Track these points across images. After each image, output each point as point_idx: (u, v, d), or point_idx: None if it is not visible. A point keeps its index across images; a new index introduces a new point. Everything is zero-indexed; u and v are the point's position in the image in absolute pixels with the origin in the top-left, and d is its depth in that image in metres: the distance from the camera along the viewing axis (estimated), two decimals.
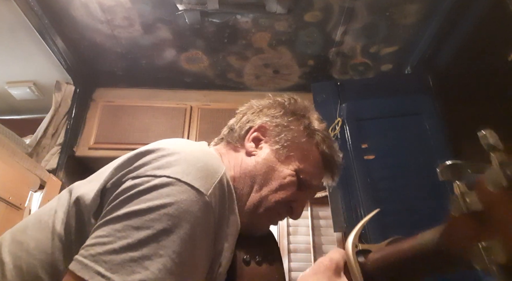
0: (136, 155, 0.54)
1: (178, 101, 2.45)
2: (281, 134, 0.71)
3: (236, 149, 0.73)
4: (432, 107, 1.91)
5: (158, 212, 0.46)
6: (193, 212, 0.47)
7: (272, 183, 0.67)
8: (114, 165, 0.55)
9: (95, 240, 0.45)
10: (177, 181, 0.49)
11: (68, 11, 1.91)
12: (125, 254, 0.43)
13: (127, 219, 0.45)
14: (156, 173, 0.50)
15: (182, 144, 0.58)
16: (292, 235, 2.19)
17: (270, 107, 0.76)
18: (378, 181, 1.73)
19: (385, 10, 1.91)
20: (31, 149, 2.07)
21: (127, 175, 0.51)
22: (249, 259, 0.63)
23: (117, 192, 0.50)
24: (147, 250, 0.43)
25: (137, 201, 0.47)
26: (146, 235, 0.44)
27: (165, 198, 0.47)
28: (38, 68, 2.19)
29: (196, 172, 0.51)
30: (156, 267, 0.43)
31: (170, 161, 0.52)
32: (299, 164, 0.69)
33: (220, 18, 1.96)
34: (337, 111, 1.97)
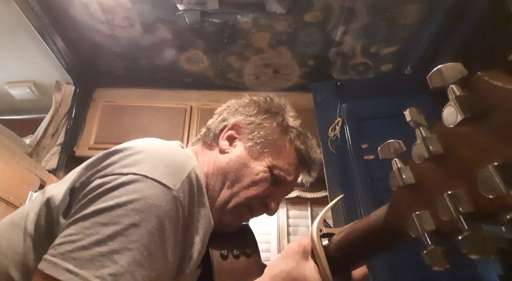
0: (104, 155, 0.56)
1: (178, 101, 2.45)
2: (254, 131, 0.73)
3: (211, 147, 0.75)
4: (432, 107, 1.91)
5: (125, 207, 0.47)
6: (160, 206, 0.49)
7: (244, 180, 0.68)
8: (83, 165, 0.56)
9: (64, 238, 0.45)
10: (144, 177, 0.50)
11: (68, 11, 1.91)
12: (94, 249, 0.43)
13: (95, 216, 0.46)
14: (123, 171, 0.51)
15: (150, 142, 0.60)
16: (292, 235, 2.18)
17: (245, 106, 0.78)
18: (378, 181, 1.73)
19: (385, 10, 1.91)
20: (31, 149, 2.07)
21: (96, 175, 0.52)
22: (226, 253, 0.64)
23: (85, 191, 0.51)
24: (116, 244, 0.44)
25: (104, 198, 0.48)
26: (114, 230, 0.45)
27: (132, 194, 0.48)
28: (38, 68, 2.19)
29: (163, 168, 0.52)
30: (125, 260, 0.44)
31: (137, 159, 0.53)
32: (272, 160, 0.70)
33: (220, 18, 1.96)
34: (337, 111, 1.97)
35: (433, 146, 0.33)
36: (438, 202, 0.31)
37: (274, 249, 2.13)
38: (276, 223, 2.21)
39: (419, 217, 0.34)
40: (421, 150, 0.34)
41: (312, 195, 2.23)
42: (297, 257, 0.51)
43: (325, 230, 0.53)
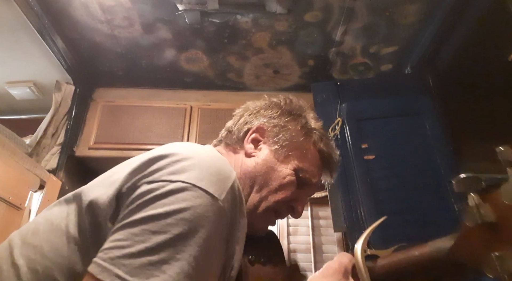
0: (150, 160, 0.55)
1: (178, 101, 2.45)
2: (279, 134, 0.72)
3: (235, 150, 0.74)
4: (432, 107, 1.91)
5: (174, 216, 0.47)
6: (208, 216, 0.48)
7: (272, 183, 0.68)
8: (128, 169, 0.55)
9: (113, 243, 0.45)
10: (192, 186, 0.50)
11: (68, 11, 1.91)
12: (144, 258, 0.43)
13: (145, 223, 0.46)
14: (171, 178, 0.51)
15: (194, 149, 0.59)
16: (292, 235, 2.18)
17: (267, 108, 0.78)
18: (378, 181, 1.73)
19: (385, 10, 1.91)
20: (31, 149, 2.07)
21: (142, 180, 0.52)
22: (254, 259, 0.64)
23: (133, 197, 0.50)
24: (165, 254, 0.44)
25: (154, 205, 0.48)
26: (164, 239, 0.45)
27: (181, 203, 0.48)
28: (38, 68, 2.19)
29: (209, 177, 0.52)
30: (173, 271, 0.44)
31: (184, 166, 0.52)
32: (298, 163, 0.70)
33: (220, 18, 1.96)
34: (337, 111, 1.97)
35: None
36: None
37: None
38: (276, 223, 2.20)
39: (500, 258, 0.33)
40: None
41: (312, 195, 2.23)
42: (339, 276, 0.51)
43: (369, 251, 0.53)
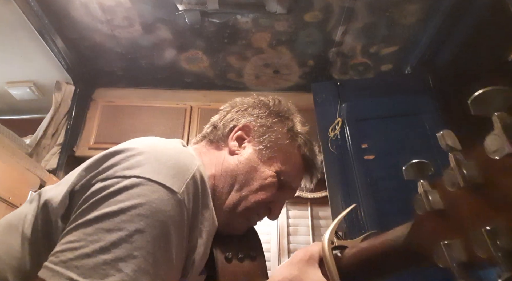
0: (104, 156, 0.53)
1: (178, 101, 2.45)
2: (265, 134, 0.71)
3: (218, 147, 0.73)
4: (432, 107, 1.91)
5: (129, 213, 0.45)
6: (165, 211, 0.47)
7: (253, 183, 0.67)
8: (83, 167, 0.54)
9: (65, 245, 0.43)
10: (147, 180, 0.48)
11: (68, 11, 1.91)
12: (98, 257, 0.42)
13: (98, 222, 0.44)
14: (125, 173, 0.49)
15: (152, 142, 0.57)
16: (292, 235, 2.18)
17: (255, 106, 0.76)
18: (378, 181, 1.73)
19: (385, 10, 1.91)
20: (31, 149, 2.07)
21: (96, 177, 0.50)
22: (231, 256, 0.63)
23: (86, 195, 0.48)
24: (120, 251, 0.42)
25: (107, 203, 0.46)
26: (119, 236, 0.43)
27: (136, 199, 0.46)
28: (38, 68, 2.19)
29: (167, 170, 0.50)
30: (130, 268, 0.42)
31: (140, 161, 0.51)
32: (281, 165, 0.69)
33: (220, 18, 1.96)
34: (337, 111, 1.97)
35: (471, 174, 0.30)
36: (474, 235, 0.29)
37: (274, 249, 2.13)
38: (276, 223, 2.21)
39: (449, 246, 0.32)
40: (455, 176, 0.32)
41: (312, 195, 2.23)
42: (301, 265, 0.51)
43: (336, 242, 0.53)
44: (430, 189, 0.35)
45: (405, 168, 0.38)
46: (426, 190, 0.35)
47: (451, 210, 0.33)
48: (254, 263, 0.65)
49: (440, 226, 0.34)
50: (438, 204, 0.34)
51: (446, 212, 0.34)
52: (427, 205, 0.35)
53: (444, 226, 0.34)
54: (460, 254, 0.31)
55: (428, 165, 0.37)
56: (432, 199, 0.34)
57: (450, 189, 0.32)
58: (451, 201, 0.33)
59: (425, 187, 0.36)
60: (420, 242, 0.38)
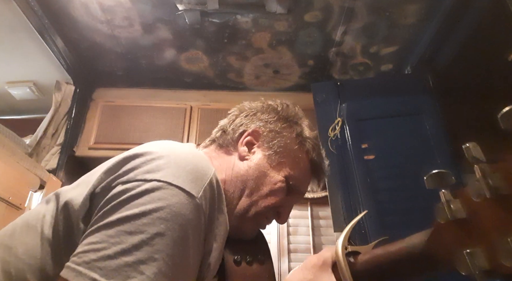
0: (124, 159, 0.54)
1: (178, 101, 2.45)
2: (274, 140, 0.72)
3: (228, 152, 0.73)
4: (432, 107, 1.91)
5: (150, 216, 0.46)
6: (185, 214, 0.48)
7: (263, 189, 0.68)
8: (103, 169, 0.54)
9: (88, 246, 0.44)
10: (167, 184, 0.49)
11: (68, 11, 1.91)
12: (120, 259, 0.42)
13: (120, 224, 0.45)
14: (146, 177, 0.50)
15: (170, 146, 0.58)
16: (292, 235, 2.18)
17: (264, 111, 0.77)
18: (378, 181, 1.73)
19: (385, 10, 1.91)
20: (31, 149, 2.07)
21: (117, 180, 0.51)
22: (240, 259, 0.64)
23: (107, 198, 0.49)
24: (142, 254, 0.43)
25: (129, 206, 0.47)
26: (140, 239, 0.44)
27: (157, 202, 0.47)
28: (38, 68, 2.19)
29: (186, 174, 0.51)
30: (151, 271, 0.43)
31: (160, 165, 0.52)
32: (290, 170, 0.70)
33: (220, 18, 1.96)
34: (337, 111, 1.97)
35: (497, 185, 0.31)
36: (501, 244, 0.30)
37: (274, 249, 2.13)
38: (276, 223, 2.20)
39: (472, 255, 0.33)
40: (481, 187, 0.32)
41: (312, 195, 2.23)
42: (315, 269, 0.52)
43: (350, 248, 0.54)
44: (452, 199, 0.36)
45: (427, 177, 0.38)
46: (448, 199, 0.36)
47: (475, 219, 0.34)
48: (262, 266, 0.66)
49: (463, 235, 0.35)
50: (460, 214, 0.35)
51: (468, 221, 0.34)
52: (449, 214, 0.35)
53: (466, 235, 0.35)
54: (483, 262, 0.32)
55: (449, 175, 0.38)
56: (454, 208, 0.35)
57: (476, 199, 0.33)
58: (475, 211, 0.34)
59: (446, 196, 0.36)
60: (440, 250, 0.38)
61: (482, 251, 0.33)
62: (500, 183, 0.31)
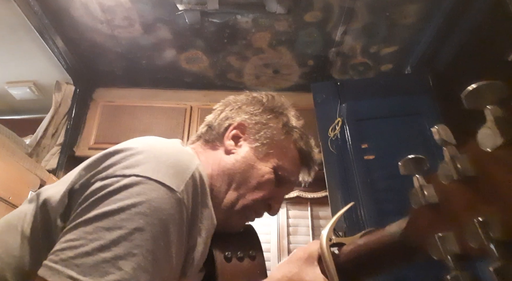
0: (104, 155, 0.54)
1: (178, 101, 2.45)
2: (260, 131, 0.72)
3: (214, 147, 0.73)
4: (432, 107, 1.91)
5: (129, 211, 0.45)
6: (165, 209, 0.47)
7: (251, 181, 0.67)
8: (82, 166, 0.54)
9: (65, 244, 0.44)
10: (147, 179, 0.48)
11: (68, 11, 1.91)
12: (98, 255, 0.42)
13: (98, 220, 0.45)
14: (125, 172, 0.49)
15: (152, 141, 0.58)
16: (292, 235, 2.18)
17: (249, 104, 0.76)
18: (378, 181, 1.73)
19: (385, 10, 1.91)
20: (31, 149, 2.07)
21: (96, 176, 0.50)
22: (230, 255, 0.64)
23: (86, 194, 0.49)
24: (120, 250, 0.43)
25: (107, 202, 0.46)
26: (118, 235, 0.44)
27: (136, 197, 0.46)
28: (38, 68, 2.19)
29: (166, 169, 0.51)
30: (130, 266, 0.42)
31: (139, 160, 0.51)
32: (278, 161, 0.70)
33: (220, 18, 1.96)
34: (337, 111, 1.97)
35: (464, 167, 0.31)
36: (467, 227, 0.30)
37: (274, 249, 2.13)
38: (276, 223, 2.21)
39: (443, 239, 0.33)
40: (448, 170, 0.32)
41: (312, 195, 2.23)
42: (301, 263, 0.52)
43: (334, 239, 0.53)
44: (425, 184, 0.36)
45: (401, 163, 0.38)
46: (422, 184, 0.36)
47: (445, 203, 0.34)
48: (253, 262, 0.65)
49: (435, 220, 0.35)
50: (433, 198, 0.35)
51: (440, 206, 0.34)
52: (422, 199, 0.35)
53: (438, 219, 0.34)
54: (453, 246, 0.32)
55: (424, 160, 0.38)
56: (427, 193, 0.35)
57: (444, 182, 0.33)
58: (445, 195, 0.34)
59: (420, 181, 0.36)
60: (415, 236, 0.38)
61: (453, 235, 0.32)
62: (467, 164, 0.31)
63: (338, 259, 0.51)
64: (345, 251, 0.51)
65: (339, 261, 0.50)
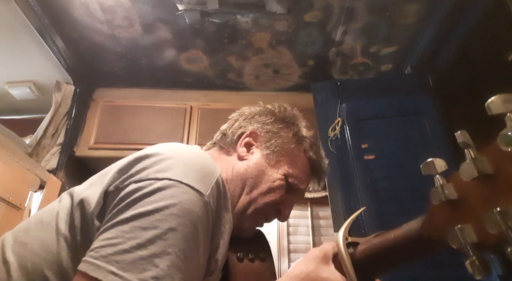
0: (136, 159, 0.57)
1: (178, 101, 2.45)
2: (271, 140, 0.76)
3: (228, 153, 0.77)
4: (432, 107, 1.91)
5: (163, 212, 0.48)
6: (195, 211, 0.50)
7: (262, 186, 0.71)
8: (116, 169, 0.57)
9: (104, 242, 0.46)
10: (178, 183, 0.51)
11: (68, 11, 1.91)
12: (135, 253, 0.45)
13: (134, 220, 0.48)
14: (158, 176, 0.52)
15: (178, 148, 0.61)
16: (292, 235, 2.18)
17: (261, 114, 0.81)
18: (378, 181, 1.73)
19: (385, 10, 1.91)
20: (31, 149, 2.07)
21: (129, 179, 0.54)
22: (242, 256, 0.67)
23: (121, 196, 0.52)
24: (156, 248, 0.46)
25: (142, 203, 0.49)
26: (154, 234, 0.47)
27: (169, 199, 0.49)
28: (38, 68, 2.19)
29: (194, 174, 0.54)
30: (165, 264, 0.45)
31: (170, 164, 0.54)
32: (288, 169, 0.73)
33: (220, 18, 1.96)
34: (337, 111, 1.97)
35: (482, 166, 0.35)
36: (486, 217, 0.34)
37: (274, 249, 2.13)
38: (276, 223, 2.21)
39: (462, 230, 0.37)
40: (470, 169, 0.36)
41: (312, 195, 2.23)
42: (317, 261, 0.54)
43: (350, 239, 0.56)
44: (445, 183, 0.40)
45: (423, 164, 0.42)
46: (442, 183, 0.40)
47: (465, 199, 0.38)
48: (263, 264, 0.69)
49: (454, 213, 0.39)
50: (452, 195, 0.39)
51: (459, 201, 0.39)
52: (442, 196, 0.39)
53: (457, 213, 0.39)
54: (472, 236, 0.36)
55: (443, 163, 0.42)
56: (447, 191, 0.39)
57: (465, 179, 0.37)
58: (465, 191, 0.38)
59: (441, 181, 0.40)
60: (435, 229, 0.42)
61: (471, 226, 0.37)
62: (486, 164, 0.35)
63: (353, 256, 0.53)
64: (360, 249, 0.54)
65: (355, 258, 0.53)
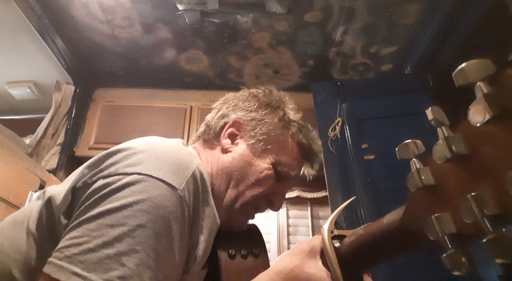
0: (106, 154, 0.54)
1: (178, 101, 2.45)
2: (256, 128, 0.71)
3: (212, 146, 0.73)
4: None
5: (131, 208, 0.46)
6: (167, 206, 0.48)
7: (249, 178, 0.67)
8: (85, 165, 0.55)
9: (69, 241, 0.44)
10: (148, 177, 0.49)
11: (68, 11, 1.91)
12: (101, 252, 0.43)
13: (101, 217, 0.45)
14: (127, 170, 0.50)
15: (152, 141, 0.58)
16: (292, 235, 2.19)
17: (245, 100, 0.76)
18: (378, 181, 1.73)
19: (385, 10, 1.91)
20: (31, 149, 2.07)
21: (98, 174, 0.51)
22: (234, 253, 0.64)
23: (88, 192, 0.50)
24: (123, 246, 0.43)
25: (110, 199, 0.47)
26: (121, 232, 0.44)
27: (138, 195, 0.47)
28: (38, 68, 2.19)
29: (167, 167, 0.51)
30: (133, 262, 0.43)
31: (141, 158, 0.52)
32: (276, 156, 0.69)
33: (220, 18, 1.96)
34: (337, 111, 1.97)
35: (456, 145, 0.31)
36: (461, 203, 0.30)
37: (274, 249, 2.13)
38: (276, 223, 2.21)
39: (439, 219, 0.33)
40: (443, 150, 0.32)
41: (312, 195, 2.23)
42: (303, 255, 0.52)
43: (336, 232, 0.53)
44: (422, 167, 0.36)
45: (398, 147, 0.38)
46: (419, 168, 0.36)
47: (441, 183, 0.34)
48: (257, 260, 0.66)
49: (432, 201, 0.35)
50: (429, 180, 0.35)
51: (436, 187, 0.34)
52: (418, 182, 0.35)
53: (435, 200, 0.34)
54: (449, 225, 0.32)
55: (420, 145, 0.38)
56: (424, 176, 0.35)
57: (439, 161, 0.33)
58: (440, 175, 0.34)
59: (417, 165, 0.36)
60: (413, 219, 0.38)
61: (449, 215, 0.32)
62: (460, 143, 0.31)
63: (339, 251, 0.51)
64: (346, 242, 0.51)
65: (341, 252, 0.51)
